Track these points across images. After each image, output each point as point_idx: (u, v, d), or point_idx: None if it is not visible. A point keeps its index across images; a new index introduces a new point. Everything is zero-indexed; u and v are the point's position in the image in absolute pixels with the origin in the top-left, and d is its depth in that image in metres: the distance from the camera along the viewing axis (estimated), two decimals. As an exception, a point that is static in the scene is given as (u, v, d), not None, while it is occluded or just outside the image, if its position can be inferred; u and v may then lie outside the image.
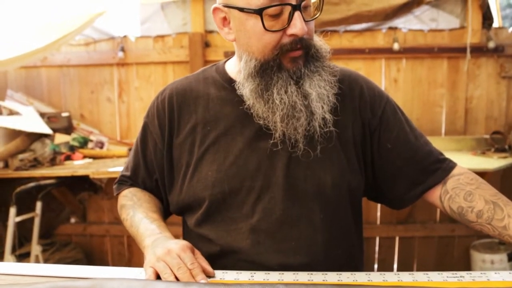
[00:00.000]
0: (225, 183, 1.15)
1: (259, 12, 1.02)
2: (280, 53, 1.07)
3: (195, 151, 1.20)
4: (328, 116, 1.11)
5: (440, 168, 1.22)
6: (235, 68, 1.22)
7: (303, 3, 1.03)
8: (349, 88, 1.22)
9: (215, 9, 1.13)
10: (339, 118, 1.17)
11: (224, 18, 1.13)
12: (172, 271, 0.96)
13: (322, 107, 1.10)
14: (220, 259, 1.14)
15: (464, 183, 1.18)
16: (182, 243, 1.04)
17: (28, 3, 2.96)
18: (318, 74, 1.10)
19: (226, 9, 1.10)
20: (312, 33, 1.10)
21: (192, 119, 1.23)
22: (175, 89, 1.28)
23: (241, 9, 1.05)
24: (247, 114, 1.15)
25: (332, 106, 1.13)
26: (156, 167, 1.28)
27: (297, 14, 1.02)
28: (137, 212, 1.23)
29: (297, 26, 1.02)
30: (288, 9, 1.02)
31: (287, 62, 1.08)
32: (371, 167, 1.23)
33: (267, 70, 1.09)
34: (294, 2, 1.01)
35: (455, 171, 1.22)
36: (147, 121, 1.30)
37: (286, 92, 1.08)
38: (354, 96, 1.21)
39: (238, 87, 1.15)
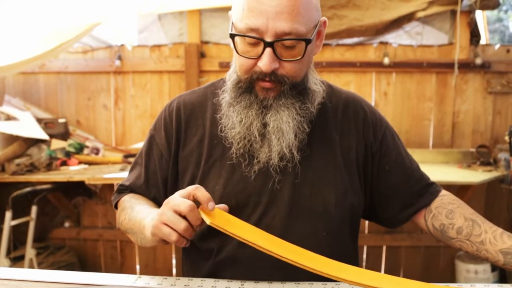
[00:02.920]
0: (232, 198, 1.16)
1: (231, 36, 1.09)
2: (251, 79, 1.10)
3: (201, 164, 1.21)
4: (286, 151, 1.12)
5: (428, 191, 1.29)
6: None
7: (285, 42, 1.04)
8: (354, 111, 1.27)
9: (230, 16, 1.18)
10: (344, 140, 1.23)
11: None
12: (179, 213, 0.96)
13: (279, 140, 1.11)
14: (224, 271, 1.16)
15: (447, 202, 1.26)
16: (161, 212, 1.00)
17: (28, 11, 3.01)
18: (287, 109, 1.11)
19: None
20: (292, 71, 1.09)
21: (199, 132, 1.24)
22: (182, 102, 1.29)
23: (231, 27, 1.11)
24: None
25: (304, 141, 1.16)
26: (160, 179, 1.27)
27: (267, 50, 1.03)
28: (134, 209, 1.21)
29: (263, 61, 1.04)
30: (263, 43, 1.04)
31: (258, 88, 1.11)
32: (369, 188, 1.28)
33: (241, 88, 1.13)
34: (268, 39, 1.02)
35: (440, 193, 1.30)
36: (154, 133, 1.31)
37: (247, 113, 1.12)
38: (358, 119, 1.27)
39: (223, 91, 1.20)
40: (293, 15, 1.01)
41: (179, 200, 0.97)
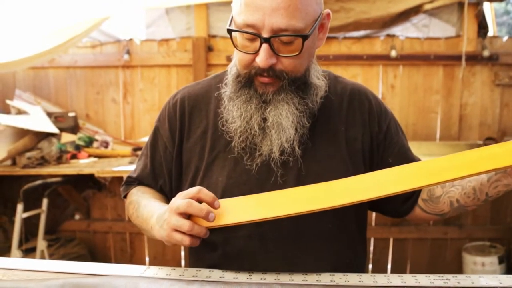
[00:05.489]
0: (236, 190, 1.15)
1: (228, 32, 1.08)
2: (250, 74, 1.10)
3: (205, 156, 1.21)
4: (286, 145, 1.12)
5: None
6: None
7: (282, 38, 1.03)
8: (359, 102, 1.26)
9: None
10: (350, 131, 1.23)
11: None
12: (181, 213, 0.98)
13: (279, 135, 1.11)
14: (230, 263, 1.15)
15: None
16: (169, 209, 1.01)
17: (37, 6, 3.03)
18: (286, 104, 1.11)
19: None
20: (291, 66, 1.08)
21: (203, 124, 1.24)
22: (187, 93, 1.29)
23: (230, 21, 1.10)
24: None
25: (305, 135, 1.15)
26: (166, 171, 1.28)
27: (264, 46, 1.03)
28: (141, 203, 1.22)
29: (260, 57, 1.04)
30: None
31: (258, 83, 1.11)
32: None
33: (240, 82, 1.13)
34: (265, 35, 1.02)
35: None
36: (158, 125, 1.31)
37: (246, 107, 1.12)
38: (363, 110, 1.26)
39: (225, 84, 1.19)
40: (289, 10, 1.00)
41: (177, 202, 0.98)
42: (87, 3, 3.03)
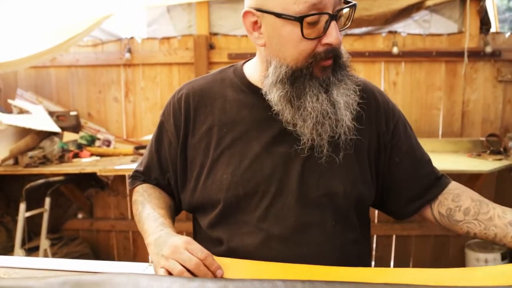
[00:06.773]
0: (240, 187, 1.15)
1: (299, 19, 1.01)
2: (314, 61, 1.06)
3: (210, 152, 1.20)
4: (350, 124, 1.12)
5: (437, 184, 1.26)
6: (254, 71, 1.23)
7: (342, 12, 1.04)
8: (366, 99, 1.23)
9: (246, 13, 1.11)
10: (356, 129, 1.19)
11: (255, 22, 1.11)
12: (184, 266, 0.96)
13: (347, 115, 1.11)
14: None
15: (453, 188, 1.24)
16: (185, 237, 1.03)
17: (38, 5, 3.03)
18: (344, 83, 1.11)
19: (259, 13, 1.08)
20: (340, 41, 1.07)
21: (208, 120, 1.23)
22: (191, 88, 1.28)
23: (278, 15, 1.03)
24: (264, 119, 1.17)
25: (355, 115, 1.15)
26: (170, 166, 1.28)
27: (333, 23, 1.02)
28: (145, 208, 1.23)
29: (333, 35, 1.02)
30: (325, 18, 1.02)
31: (317, 70, 1.08)
32: (381, 179, 1.26)
33: (299, 77, 1.08)
34: (331, 12, 1.01)
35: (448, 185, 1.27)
36: (163, 119, 1.31)
37: (317, 100, 1.09)
38: (371, 107, 1.23)
39: (265, 92, 1.15)
40: None
41: (186, 256, 0.98)
42: (88, 2, 3.03)
